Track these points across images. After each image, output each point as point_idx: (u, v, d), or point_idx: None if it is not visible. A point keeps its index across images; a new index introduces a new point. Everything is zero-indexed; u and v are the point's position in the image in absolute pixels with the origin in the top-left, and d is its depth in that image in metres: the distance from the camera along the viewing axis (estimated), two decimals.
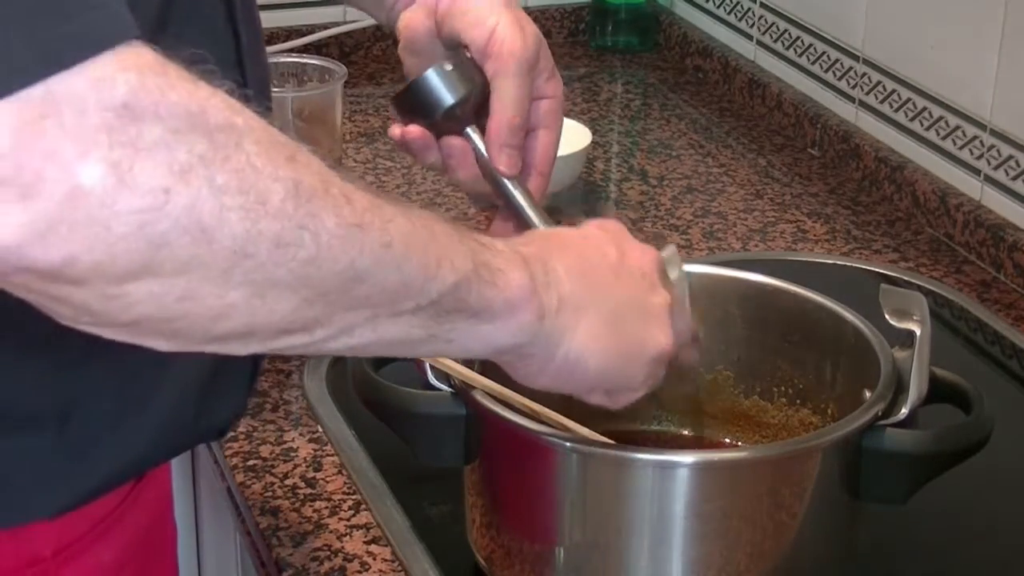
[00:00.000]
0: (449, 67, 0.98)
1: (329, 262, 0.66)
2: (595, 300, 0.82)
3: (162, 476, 1.01)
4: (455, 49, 1.00)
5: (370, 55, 2.01)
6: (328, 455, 1.18)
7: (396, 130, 0.99)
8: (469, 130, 0.99)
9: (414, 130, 0.98)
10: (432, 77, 0.97)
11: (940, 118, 1.60)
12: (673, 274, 0.95)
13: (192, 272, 0.63)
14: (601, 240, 0.86)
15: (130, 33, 0.61)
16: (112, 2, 0.62)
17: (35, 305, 0.64)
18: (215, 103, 0.63)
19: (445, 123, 0.99)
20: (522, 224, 0.98)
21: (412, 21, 1.02)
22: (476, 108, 0.99)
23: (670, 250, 0.96)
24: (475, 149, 0.99)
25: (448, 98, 0.98)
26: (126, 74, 0.60)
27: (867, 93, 1.72)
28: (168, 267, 0.62)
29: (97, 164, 0.59)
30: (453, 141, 0.98)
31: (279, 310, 0.67)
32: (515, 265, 0.77)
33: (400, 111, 1.00)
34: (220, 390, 0.92)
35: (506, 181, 0.98)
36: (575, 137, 1.63)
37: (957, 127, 1.57)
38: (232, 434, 1.19)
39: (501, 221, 0.99)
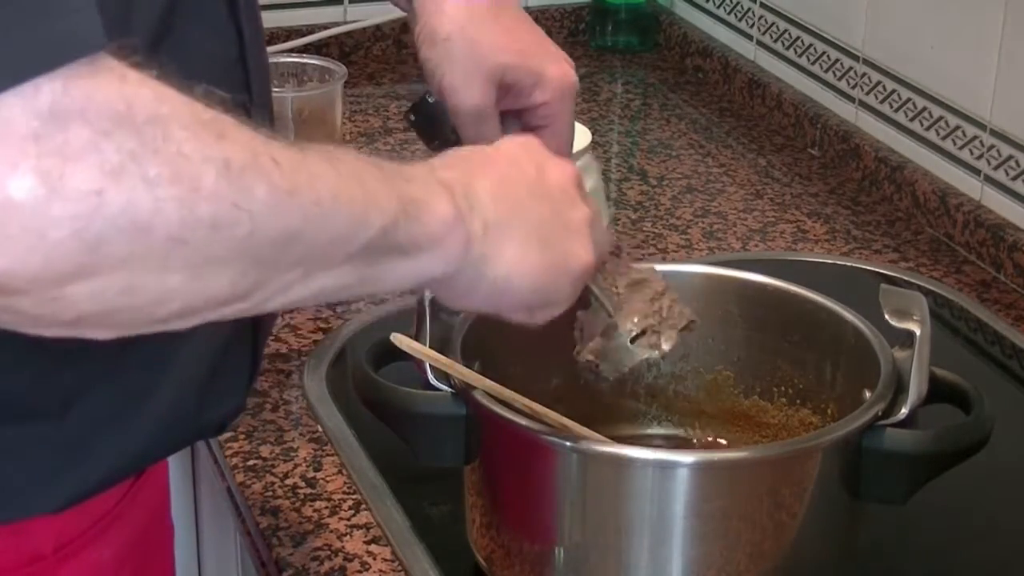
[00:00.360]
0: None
1: (264, 232, 0.67)
2: (518, 220, 0.82)
3: (160, 475, 1.01)
4: None
5: (370, 55, 2.01)
6: (328, 455, 1.18)
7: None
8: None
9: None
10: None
11: (940, 118, 1.60)
12: (589, 184, 0.96)
13: (131, 266, 0.63)
14: (519, 158, 0.86)
15: (88, 47, 0.62)
16: (76, 11, 0.62)
17: None
18: (142, 95, 0.63)
19: (457, 137, 1.01)
20: None
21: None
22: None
23: (585, 159, 0.98)
24: None
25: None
26: (52, 82, 0.60)
27: (867, 93, 1.72)
28: (106, 265, 0.63)
29: (26, 175, 0.60)
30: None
31: (217, 285, 0.67)
32: (438, 195, 0.77)
33: (413, 125, 1.04)
34: (219, 386, 0.92)
35: None
36: (575, 137, 1.63)
37: (957, 127, 1.57)
38: (232, 434, 1.20)
39: None
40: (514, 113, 1.04)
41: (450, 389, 0.97)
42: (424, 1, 1.03)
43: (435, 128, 1.03)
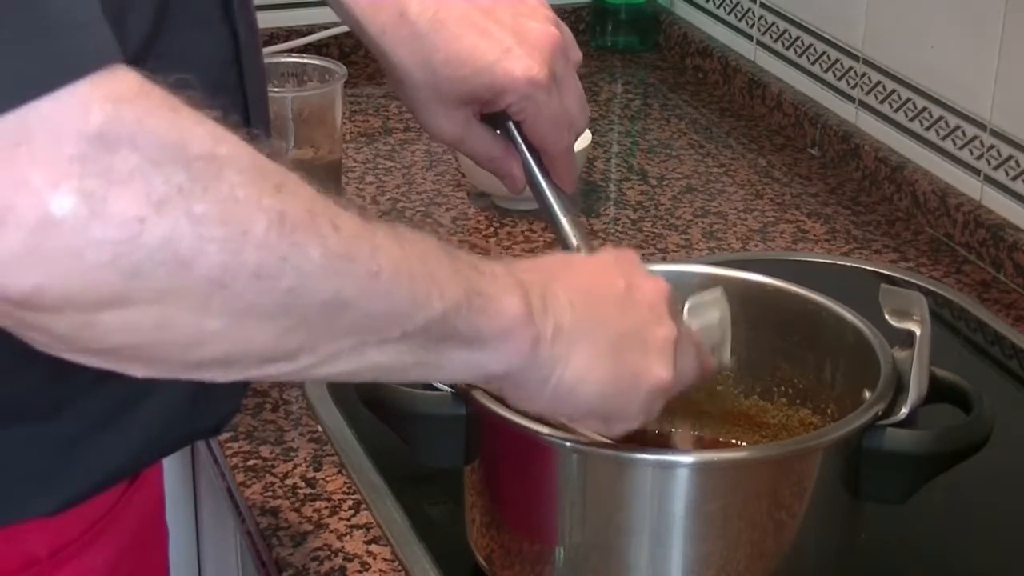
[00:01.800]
0: None
1: (312, 292, 0.66)
2: (595, 329, 0.81)
3: (154, 477, 1.01)
4: None
5: (370, 55, 2.00)
6: (328, 455, 1.18)
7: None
8: (510, 124, 1.01)
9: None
10: None
11: (940, 118, 1.60)
12: (713, 317, 0.95)
13: (168, 301, 0.63)
14: (611, 269, 0.86)
15: (112, 57, 0.61)
16: (95, 24, 0.62)
17: (11, 331, 0.64)
18: (198, 132, 0.63)
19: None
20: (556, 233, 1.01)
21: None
22: None
23: (715, 293, 0.97)
24: (516, 144, 1.01)
25: None
26: (103, 103, 0.60)
27: (867, 93, 1.72)
28: (143, 296, 0.62)
29: (69, 195, 0.59)
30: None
31: (259, 338, 0.66)
32: (510, 292, 0.76)
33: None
34: (216, 387, 0.92)
35: (553, 205, 1.02)
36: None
37: (957, 127, 1.57)
38: (232, 434, 1.20)
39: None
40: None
41: (450, 389, 0.97)
42: (383, 38, 1.02)
43: None
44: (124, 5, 0.78)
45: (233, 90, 0.89)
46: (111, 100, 0.60)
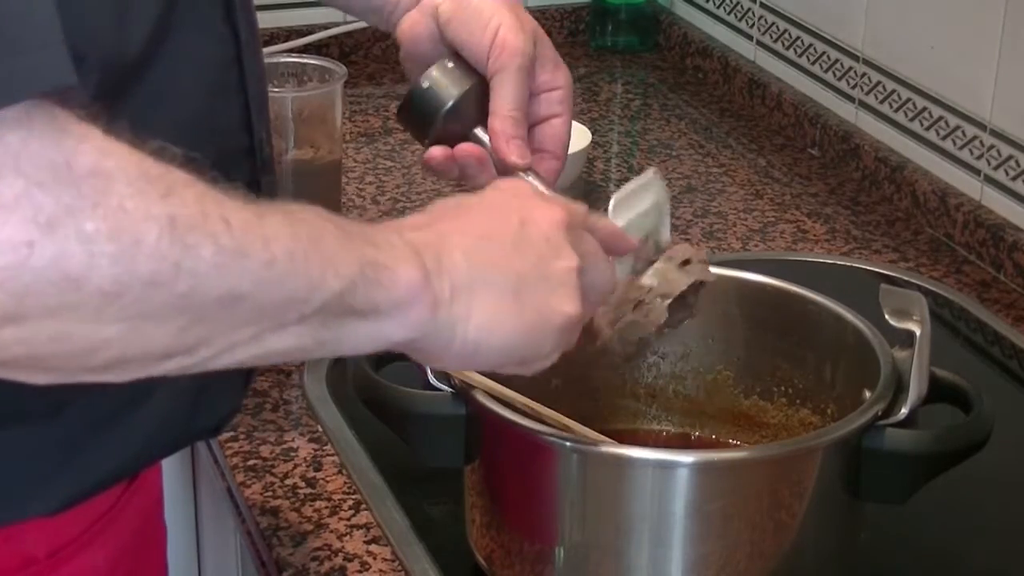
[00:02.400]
0: (440, 71, 0.99)
1: (207, 291, 0.66)
2: (493, 278, 0.80)
3: (153, 478, 1.01)
4: (445, 55, 1.00)
5: (370, 55, 2.01)
6: (328, 455, 1.18)
7: (433, 153, 0.99)
8: (477, 131, 0.99)
9: (435, 153, 0.98)
10: (426, 84, 0.98)
11: (940, 118, 1.60)
12: (647, 203, 0.94)
13: (61, 316, 0.63)
14: (504, 207, 0.84)
15: (47, 83, 0.61)
16: (39, 49, 0.62)
17: None
18: (83, 149, 0.63)
19: (450, 127, 0.99)
20: None
21: (414, 26, 1.02)
22: (479, 109, 0.99)
23: (647, 177, 0.96)
24: (485, 148, 0.99)
25: (446, 100, 0.98)
26: None
27: (867, 93, 1.72)
28: (35, 313, 0.63)
29: None
30: (466, 148, 0.98)
31: (156, 339, 0.67)
32: (404, 260, 0.76)
33: (404, 123, 1.01)
34: (216, 389, 0.92)
35: (521, 174, 0.99)
36: (575, 137, 1.62)
37: (957, 127, 1.57)
38: (232, 434, 1.20)
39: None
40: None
41: (450, 389, 0.97)
42: None
43: (428, 122, 1.01)
44: (126, 8, 0.78)
45: (234, 90, 0.89)
46: None
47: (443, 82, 0.98)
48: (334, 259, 0.72)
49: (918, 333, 0.97)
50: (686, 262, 0.99)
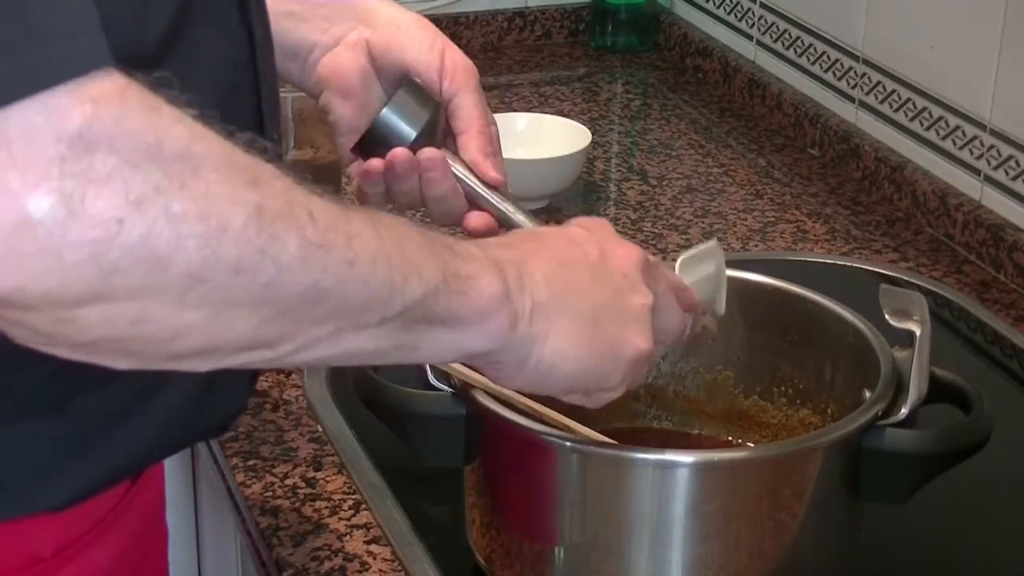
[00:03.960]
0: (403, 99, 0.99)
1: (290, 283, 0.67)
2: (571, 303, 0.82)
3: (156, 478, 1.01)
4: (401, 81, 1.00)
5: None
6: (328, 455, 1.18)
7: (362, 168, 0.98)
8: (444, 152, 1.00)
9: (383, 161, 0.98)
10: (390, 114, 0.98)
11: (940, 118, 1.60)
12: (705, 271, 0.95)
13: (146, 297, 0.64)
14: (583, 240, 0.86)
15: (97, 63, 0.62)
16: (83, 33, 0.63)
17: None
18: (176, 131, 0.64)
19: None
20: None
21: (342, 62, 1.02)
22: (437, 131, 1.00)
23: (709, 246, 0.97)
24: (454, 169, 0.99)
25: (413, 129, 0.98)
26: (82, 106, 0.61)
27: (867, 93, 1.72)
28: (121, 292, 0.63)
29: (46, 196, 0.60)
30: (429, 153, 0.98)
31: (239, 329, 0.67)
32: (487, 272, 0.77)
33: (366, 156, 1.00)
34: (222, 387, 0.93)
35: (491, 193, 1.00)
36: (575, 137, 1.63)
37: (957, 127, 1.57)
38: (232, 434, 1.20)
39: (478, 216, 1.00)
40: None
41: (450, 389, 0.97)
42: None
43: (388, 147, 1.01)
44: (145, 7, 0.78)
45: (248, 90, 0.90)
46: (90, 103, 0.61)
47: (405, 112, 0.98)
48: (417, 264, 0.73)
49: (918, 333, 0.97)
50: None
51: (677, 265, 0.96)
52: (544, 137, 1.64)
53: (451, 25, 2.04)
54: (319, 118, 1.54)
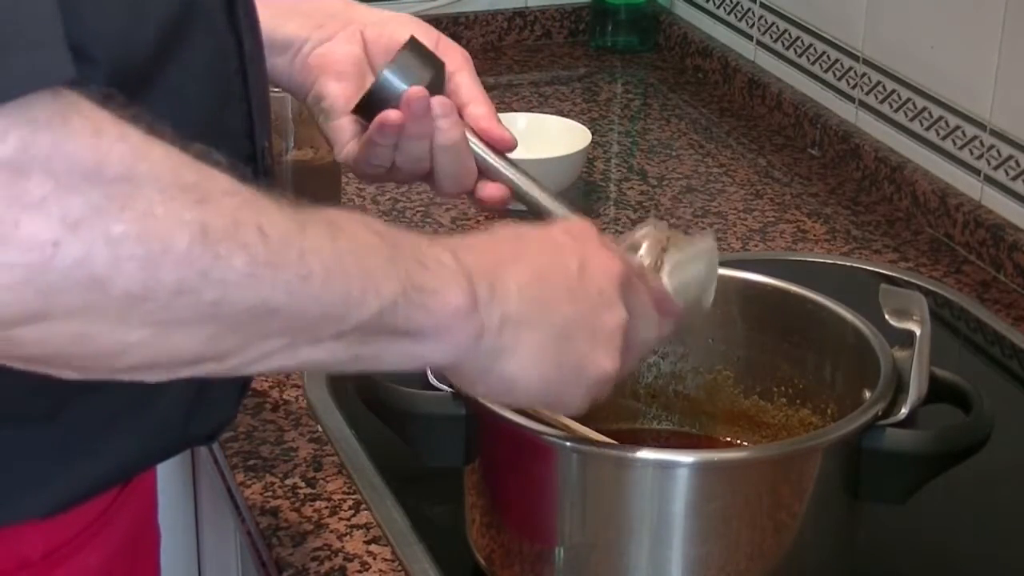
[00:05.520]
0: (405, 59, 0.97)
1: (237, 301, 0.66)
2: (543, 317, 0.80)
3: (148, 482, 1.01)
4: (405, 44, 0.99)
5: None
6: (328, 455, 1.18)
7: (378, 120, 0.97)
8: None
9: (399, 113, 0.96)
10: (392, 71, 0.97)
11: (940, 118, 1.60)
12: (695, 272, 0.95)
13: (85, 317, 0.63)
14: (565, 249, 0.84)
15: (41, 81, 0.61)
16: (32, 49, 0.62)
17: None
18: (118, 152, 0.63)
19: None
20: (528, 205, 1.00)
21: (336, 50, 1.02)
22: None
23: (704, 245, 0.96)
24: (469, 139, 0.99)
25: (417, 85, 0.96)
26: (19, 129, 0.60)
27: (867, 93, 1.72)
28: (59, 313, 0.63)
29: None
30: (441, 99, 0.97)
31: (185, 345, 0.67)
32: (454, 283, 0.75)
33: (368, 117, 0.98)
34: (212, 397, 0.92)
35: (504, 164, 0.99)
36: (575, 137, 1.63)
37: (957, 127, 1.57)
38: (232, 434, 1.20)
39: (493, 187, 1.00)
40: None
41: (450, 389, 0.97)
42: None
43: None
44: (134, 14, 0.78)
45: (238, 99, 0.89)
46: (27, 125, 0.61)
47: (406, 70, 0.97)
48: (376, 277, 0.72)
49: (918, 333, 0.97)
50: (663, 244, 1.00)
51: (666, 270, 0.95)
52: (544, 137, 1.64)
53: (451, 25, 2.04)
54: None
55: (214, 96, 0.86)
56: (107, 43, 0.76)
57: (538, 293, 0.80)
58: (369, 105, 0.98)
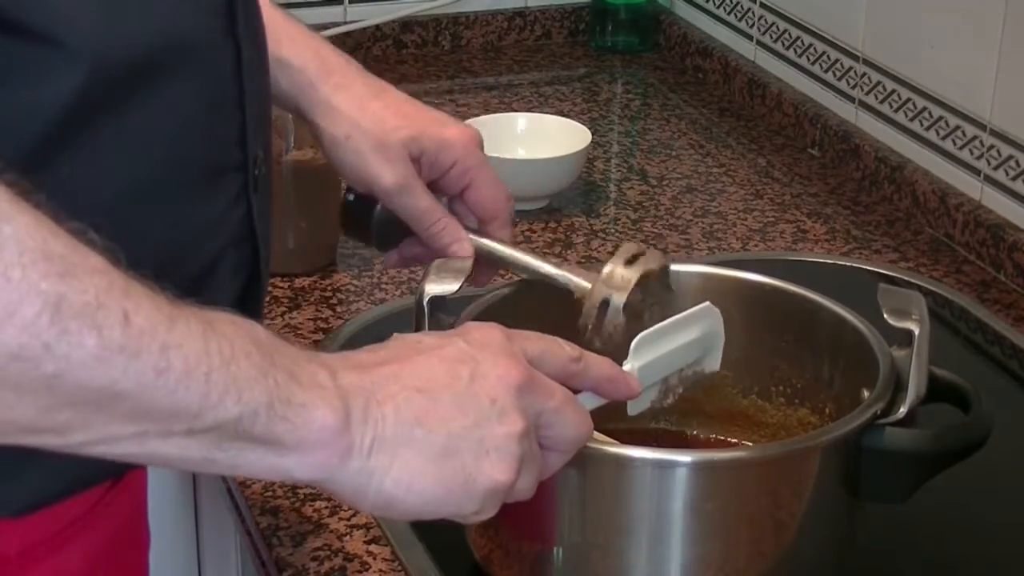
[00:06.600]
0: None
1: (80, 379, 0.66)
2: (420, 435, 0.78)
3: (139, 482, 1.00)
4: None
5: (370, 55, 2.01)
6: None
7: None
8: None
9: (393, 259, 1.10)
10: (351, 196, 1.08)
11: (940, 118, 1.60)
12: (691, 336, 1.00)
13: None
14: (458, 358, 0.81)
15: None
16: None
17: None
18: None
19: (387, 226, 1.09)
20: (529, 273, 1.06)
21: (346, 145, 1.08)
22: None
23: (702, 307, 1.01)
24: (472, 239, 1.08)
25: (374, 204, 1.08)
26: None
27: (867, 93, 1.72)
28: None
29: None
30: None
31: (18, 411, 0.66)
32: (326, 403, 0.74)
33: (351, 235, 1.12)
34: None
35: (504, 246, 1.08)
36: (575, 137, 1.63)
37: (957, 127, 1.57)
38: None
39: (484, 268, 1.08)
40: (437, 186, 1.08)
41: None
42: (313, 107, 1.07)
43: (365, 228, 1.08)
44: (117, 9, 0.78)
45: (231, 107, 0.89)
46: None
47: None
48: (241, 383, 0.71)
49: (917, 332, 0.97)
50: (633, 258, 1.03)
51: (632, 346, 0.95)
52: (544, 137, 1.64)
53: (451, 25, 2.04)
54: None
55: (202, 101, 0.86)
56: (88, 37, 0.76)
57: (417, 409, 0.78)
58: (345, 229, 1.13)
